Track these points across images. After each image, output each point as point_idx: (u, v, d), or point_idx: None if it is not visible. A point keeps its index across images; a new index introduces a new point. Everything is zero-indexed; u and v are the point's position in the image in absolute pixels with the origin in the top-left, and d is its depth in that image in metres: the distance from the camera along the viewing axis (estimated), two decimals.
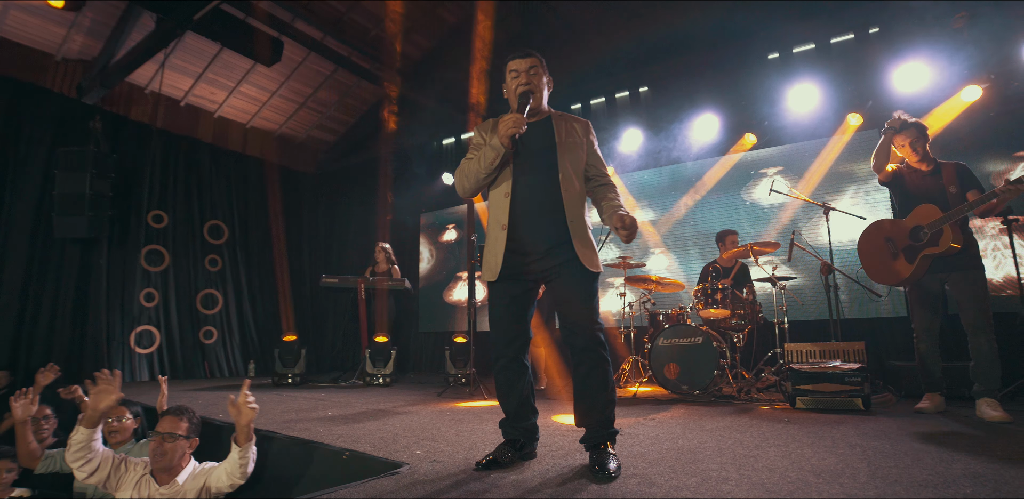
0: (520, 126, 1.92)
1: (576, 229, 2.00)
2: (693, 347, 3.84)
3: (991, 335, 2.83)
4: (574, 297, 2.00)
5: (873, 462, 1.93)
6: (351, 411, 3.44)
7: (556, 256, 2.01)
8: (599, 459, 1.86)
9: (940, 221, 2.90)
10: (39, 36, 6.00)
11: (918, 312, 3.07)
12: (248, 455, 2.18)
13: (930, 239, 2.94)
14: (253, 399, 2.19)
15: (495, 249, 2.03)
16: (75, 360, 5.84)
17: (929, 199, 3.00)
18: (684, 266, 5.88)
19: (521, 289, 2.06)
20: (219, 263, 7.35)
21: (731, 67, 5.59)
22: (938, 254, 2.92)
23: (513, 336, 2.06)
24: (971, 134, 4.54)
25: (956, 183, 2.98)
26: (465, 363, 4.92)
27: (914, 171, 3.16)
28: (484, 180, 2.07)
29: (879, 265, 3.19)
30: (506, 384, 2.09)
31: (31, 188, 5.84)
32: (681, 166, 6.03)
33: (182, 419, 2.31)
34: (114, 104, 6.66)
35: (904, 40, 4.70)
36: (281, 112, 8.04)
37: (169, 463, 2.23)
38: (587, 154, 2.13)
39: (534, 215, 2.02)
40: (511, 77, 2.12)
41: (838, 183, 5.16)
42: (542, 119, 2.16)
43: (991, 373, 2.81)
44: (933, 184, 3.04)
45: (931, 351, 3.05)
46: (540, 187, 2.03)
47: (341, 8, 6.82)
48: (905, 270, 3.04)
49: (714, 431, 2.60)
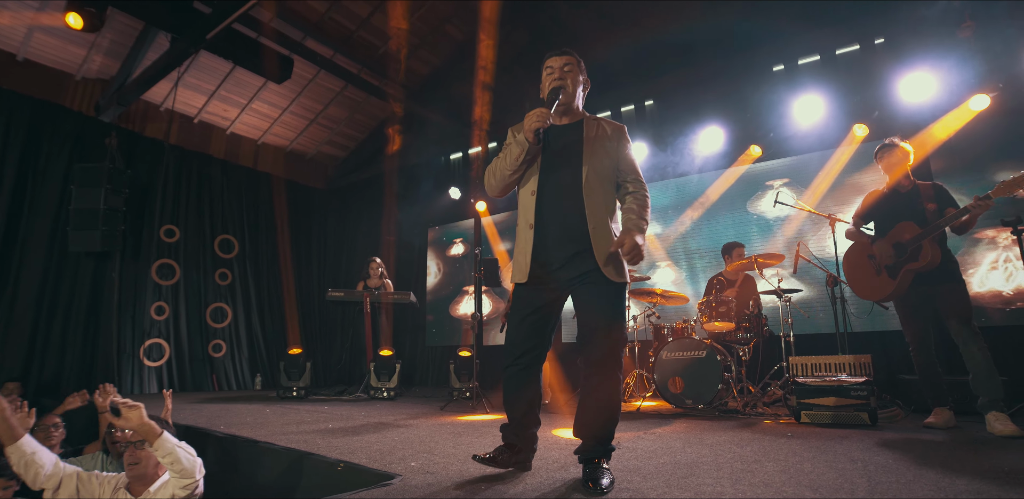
0: (545, 120, 1.89)
1: (598, 237, 1.94)
2: (697, 361, 3.79)
3: (981, 343, 2.81)
4: (595, 309, 1.95)
5: (873, 477, 1.88)
6: (352, 424, 3.44)
7: (579, 265, 1.96)
8: (592, 474, 1.83)
9: (919, 236, 2.97)
10: (60, 57, 6.20)
11: (907, 325, 3.11)
12: (169, 450, 2.05)
13: (910, 254, 3.00)
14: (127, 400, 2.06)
15: (524, 248, 2.01)
16: (86, 372, 5.92)
17: (908, 217, 3.07)
18: (690, 279, 5.83)
19: (546, 299, 2.02)
20: (229, 277, 7.44)
21: (736, 79, 5.60)
22: (919, 269, 2.98)
23: (531, 346, 2.02)
24: (980, 143, 4.49)
25: (934, 201, 3.04)
26: (469, 377, 4.90)
27: (893, 193, 3.24)
28: (510, 177, 2.04)
29: (863, 281, 3.26)
30: (515, 390, 2.05)
31: (49, 203, 5.99)
32: (687, 179, 6.02)
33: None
34: (130, 121, 6.83)
35: (910, 50, 4.69)
36: (292, 128, 8.19)
37: (143, 471, 2.18)
38: (619, 160, 2.06)
39: (559, 218, 1.98)
40: (546, 73, 2.09)
41: (844, 194, 5.11)
42: (575, 121, 2.12)
43: (991, 382, 2.77)
44: (911, 203, 3.12)
45: (929, 363, 3.02)
46: (565, 189, 1.99)
47: (350, 26, 6.97)
48: (888, 286, 3.09)
49: (714, 445, 2.56)
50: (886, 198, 3.25)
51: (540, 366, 2.08)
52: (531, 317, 2.02)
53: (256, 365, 7.40)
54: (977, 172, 4.53)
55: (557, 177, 2.01)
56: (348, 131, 8.61)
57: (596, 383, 1.94)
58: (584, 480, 1.83)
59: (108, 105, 6.34)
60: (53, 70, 6.26)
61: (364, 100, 8.02)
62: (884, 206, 3.24)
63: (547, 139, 2.02)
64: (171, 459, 2.05)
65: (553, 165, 2.03)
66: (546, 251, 1.99)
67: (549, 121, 1.92)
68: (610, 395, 1.94)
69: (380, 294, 5.55)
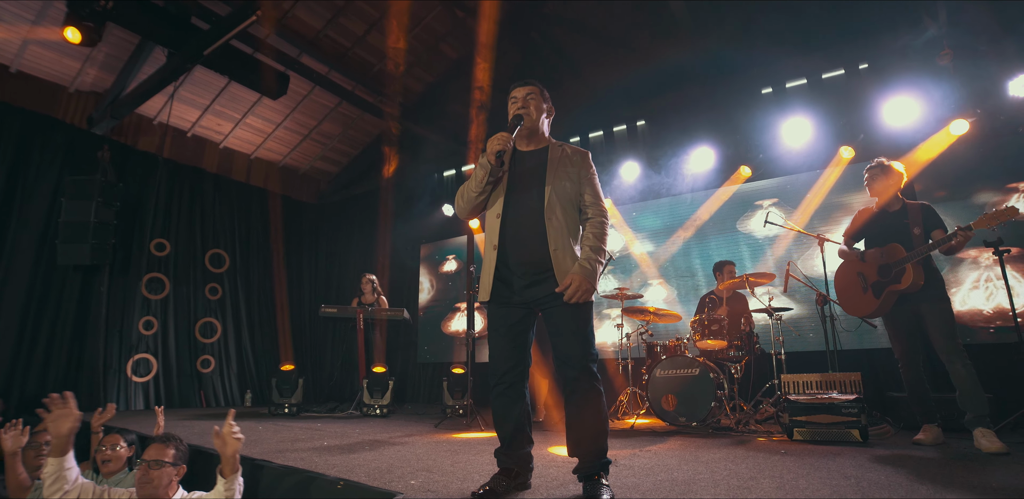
0: (506, 143, 1.98)
1: (559, 259, 2.00)
2: (691, 378, 3.83)
3: (966, 360, 2.88)
4: (563, 329, 2.01)
5: (867, 493, 1.92)
6: (347, 441, 3.41)
7: (542, 286, 2.03)
8: (592, 491, 1.86)
9: (903, 260, 3.05)
10: (54, 69, 6.20)
11: (896, 343, 3.19)
12: (234, 486, 2.14)
13: (894, 277, 3.09)
14: (238, 429, 2.17)
15: (488, 269, 2.09)
16: (71, 388, 5.77)
17: (896, 239, 3.15)
18: (682, 297, 5.90)
19: (517, 316, 2.08)
20: (219, 292, 7.37)
21: (726, 101, 5.74)
22: (901, 291, 3.07)
23: (512, 364, 2.07)
24: (961, 166, 4.64)
25: (920, 224, 3.13)
26: (463, 394, 4.88)
27: (882, 213, 3.32)
28: (476, 198, 2.11)
29: (851, 298, 3.35)
30: (502, 410, 2.08)
31: (37, 215, 5.93)
32: (678, 198, 6.12)
33: (169, 446, 2.29)
34: (122, 134, 6.82)
35: (893, 76, 4.85)
36: (285, 143, 8.22)
37: (154, 491, 2.19)
38: (581, 183, 2.13)
39: (522, 240, 2.05)
40: (510, 103, 2.19)
41: (832, 214, 5.23)
42: (539, 147, 2.21)
43: (977, 399, 2.83)
44: (899, 224, 3.19)
45: (917, 380, 3.09)
46: (528, 213, 2.07)
47: (346, 43, 7.06)
48: (872, 304, 3.19)
49: (710, 462, 2.58)
50: (876, 218, 3.33)
51: (524, 383, 2.11)
52: (507, 335, 2.08)
53: (245, 381, 7.31)
54: (958, 194, 4.68)
55: (521, 199, 2.09)
56: (341, 147, 8.66)
57: (578, 400, 2.00)
58: (585, 496, 1.87)
59: (101, 118, 6.34)
60: (46, 82, 6.26)
61: (358, 116, 8.08)
62: (874, 226, 3.32)
63: (513, 163, 2.12)
64: (231, 493, 2.13)
65: (517, 188, 2.11)
66: (509, 271, 2.06)
67: (511, 144, 2.01)
68: (595, 411, 2.00)
69: (374, 311, 5.54)
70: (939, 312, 3.00)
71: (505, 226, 2.08)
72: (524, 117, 2.11)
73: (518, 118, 2.09)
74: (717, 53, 5.83)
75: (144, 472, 2.19)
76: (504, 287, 2.07)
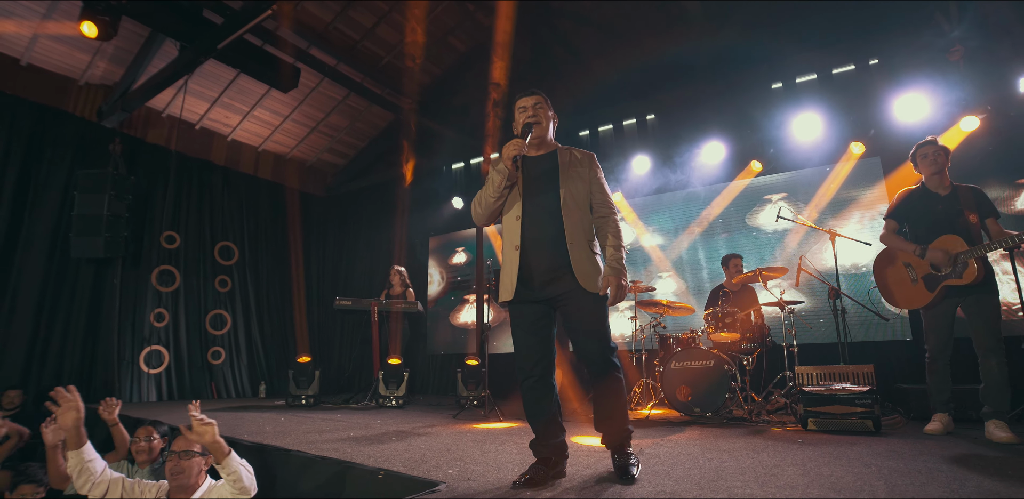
0: (521, 149, 2.11)
1: (576, 253, 2.13)
2: (705, 370, 3.91)
3: (1002, 358, 2.88)
4: (582, 325, 2.15)
5: (890, 480, 2.00)
6: (372, 432, 3.49)
7: (561, 283, 2.14)
8: (622, 463, 2.12)
9: (967, 254, 2.91)
10: (64, 62, 6.19)
11: (933, 335, 3.10)
12: (234, 469, 2.16)
13: (954, 271, 2.96)
14: (203, 416, 2.18)
15: (510, 270, 2.18)
16: (85, 379, 5.87)
17: (950, 228, 3.00)
18: (693, 289, 5.98)
19: (539, 313, 2.19)
20: (229, 284, 7.42)
21: (736, 96, 5.77)
22: (961, 286, 2.96)
23: (538, 357, 2.17)
24: (971, 162, 4.68)
25: (975, 210, 2.98)
26: (477, 385, 4.96)
27: (930, 195, 3.16)
28: (495, 203, 2.23)
29: (897, 290, 3.23)
30: (534, 403, 2.18)
31: (50, 209, 5.96)
32: (689, 192, 6.18)
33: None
34: (132, 127, 6.83)
35: (903, 72, 4.89)
36: (293, 136, 8.23)
37: (186, 481, 2.24)
38: (591, 183, 2.26)
39: (540, 239, 2.16)
40: (519, 112, 2.32)
41: (843, 209, 5.30)
42: (548, 152, 2.34)
43: (1001, 395, 2.88)
44: (952, 211, 3.03)
45: (944, 372, 3.10)
46: (546, 214, 2.18)
47: (355, 36, 7.06)
48: (925, 298, 3.08)
49: (732, 451, 2.67)
50: (923, 202, 3.14)
51: (552, 375, 2.23)
52: (530, 330, 2.19)
53: (255, 372, 7.38)
54: None
55: (537, 201, 2.21)
56: (348, 139, 8.67)
57: (602, 384, 2.20)
58: (617, 470, 2.12)
59: (111, 111, 6.34)
60: (56, 75, 6.25)
61: (365, 109, 8.09)
62: (922, 210, 3.13)
63: (526, 168, 2.25)
64: (235, 477, 2.15)
65: (533, 191, 2.23)
66: (530, 270, 2.16)
67: (524, 149, 2.13)
68: (617, 391, 2.20)
69: (388, 303, 5.60)
70: (989, 305, 2.93)
71: (525, 227, 2.19)
72: (535, 125, 2.23)
73: (528, 126, 2.21)
74: (727, 48, 5.86)
75: (175, 463, 2.24)
76: (524, 286, 2.16)
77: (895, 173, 4.98)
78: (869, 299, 4.49)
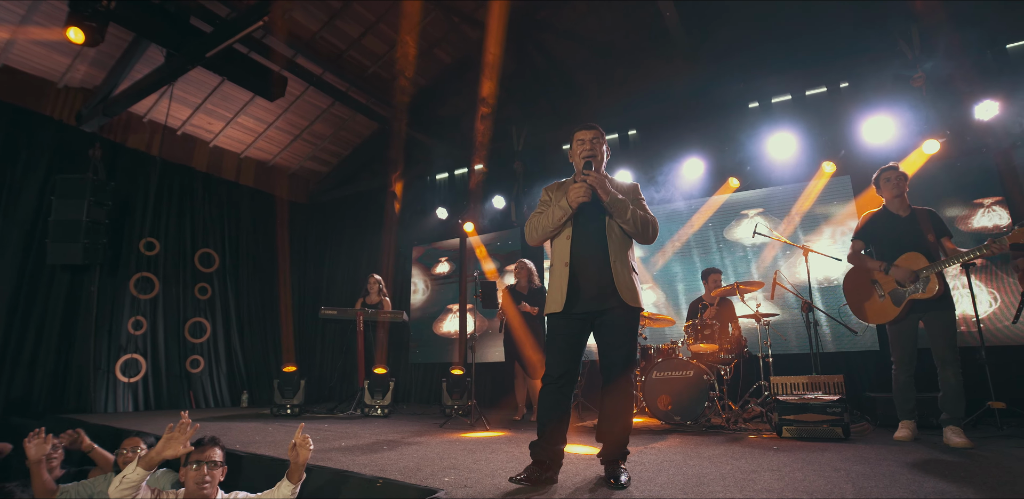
0: (589, 196, 2.35)
1: (619, 270, 2.35)
2: (684, 380, 4.05)
3: (958, 369, 3.11)
4: (616, 336, 2.37)
5: (857, 483, 2.16)
6: (363, 442, 3.53)
7: (604, 299, 2.33)
8: (613, 472, 2.26)
9: (929, 269, 3.15)
10: (43, 65, 6.11)
11: (897, 347, 3.32)
12: (290, 494, 2.33)
13: (917, 286, 3.20)
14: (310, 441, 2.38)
15: (560, 284, 2.38)
16: (59, 389, 5.75)
17: (913, 247, 3.24)
18: (673, 301, 6.15)
19: (578, 327, 2.39)
20: (209, 291, 7.35)
21: (714, 114, 5.98)
22: (924, 299, 3.18)
23: (566, 368, 2.35)
24: (933, 183, 4.98)
25: (932, 231, 3.25)
26: (462, 395, 5.03)
27: (892, 217, 3.39)
28: (551, 233, 2.49)
29: (866, 305, 3.45)
30: (551, 406, 2.34)
31: (25, 213, 5.84)
32: (670, 206, 6.36)
33: (217, 446, 2.41)
34: (112, 132, 6.74)
35: (871, 95, 5.15)
36: (276, 143, 8.21)
37: (211, 490, 2.31)
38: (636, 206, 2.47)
39: (587, 258, 2.39)
40: (578, 144, 2.52)
41: (816, 224, 5.54)
42: None
43: (957, 403, 3.10)
44: (912, 231, 3.27)
45: (908, 382, 3.32)
46: (593, 236, 2.42)
47: (342, 45, 7.12)
48: (892, 312, 3.30)
49: (712, 458, 2.80)
50: (886, 223, 3.38)
51: (573, 387, 2.41)
52: (565, 342, 2.37)
53: (235, 381, 7.30)
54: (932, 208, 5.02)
55: (587, 225, 2.44)
56: (332, 147, 8.69)
57: (615, 398, 2.38)
58: (607, 477, 2.25)
59: (91, 115, 6.26)
60: (34, 77, 6.15)
61: (350, 117, 8.13)
62: (885, 231, 3.37)
63: None
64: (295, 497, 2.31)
65: (582, 215, 2.44)
66: (578, 285, 2.37)
67: (589, 196, 2.34)
68: (626, 409, 2.40)
69: (374, 313, 5.63)
70: (946, 320, 3.15)
71: (574, 247, 2.41)
72: (593, 161, 2.46)
73: (589, 165, 2.43)
74: (707, 67, 6.10)
75: (202, 472, 2.29)
76: (572, 299, 2.36)
77: (864, 192, 5.23)
78: (839, 313, 4.71)
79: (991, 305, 4.69)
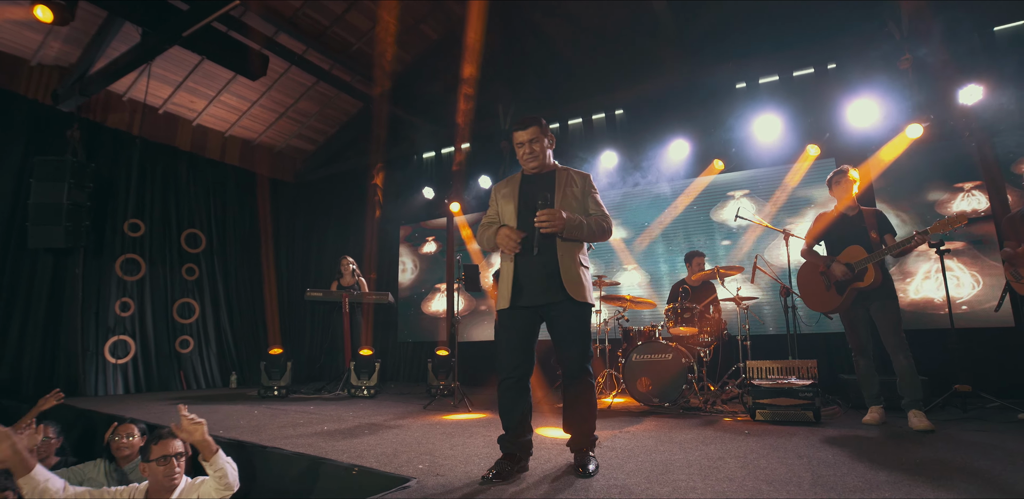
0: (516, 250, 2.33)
1: (566, 264, 2.32)
2: (663, 363, 4.13)
3: (908, 353, 3.27)
4: (568, 333, 2.34)
5: (816, 471, 2.24)
6: (345, 425, 3.61)
7: (551, 292, 2.32)
8: (581, 461, 2.30)
9: (865, 260, 3.37)
10: (13, 41, 5.93)
11: (851, 335, 3.52)
12: (221, 466, 2.26)
13: (857, 275, 3.41)
14: (193, 415, 2.27)
15: (506, 279, 2.39)
16: (47, 372, 5.79)
17: (856, 241, 3.47)
18: (655, 282, 6.21)
19: (528, 320, 2.38)
20: (196, 272, 7.35)
21: (701, 94, 5.91)
22: (863, 288, 3.39)
23: (519, 362, 2.35)
24: (915, 167, 4.99)
25: (876, 228, 3.46)
26: (447, 375, 5.11)
27: (841, 216, 3.61)
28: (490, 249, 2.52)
29: (814, 295, 3.65)
30: (510, 402, 2.35)
31: (2, 196, 5.77)
32: (655, 187, 6.36)
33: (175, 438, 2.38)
34: (90, 111, 6.61)
35: (858, 77, 5.11)
36: (260, 121, 8.09)
37: (174, 482, 2.33)
38: (585, 201, 2.46)
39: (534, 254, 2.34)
40: (517, 147, 2.46)
41: (799, 208, 5.57)
42: (547, 172, 2.51)
43: (913, 387, 3.24)
44: (858, 228, 3.51)
45: (867, 368, 3.47)
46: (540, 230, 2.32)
47: (325, 22, 6.94)
48: (835, 301, 3.51)
49: (683, 443, 2.88)
50: (836, 222, 3.62)
51: (529, 379, 2.40)
52: (517, 336, 2.37)
53: (225, 361, 7.38)
54: (913, 192, 5.06)
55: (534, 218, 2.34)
56: (318, 125, 8.57)
57: (576, 390, 2.38)
58: (575, 466, 2.30)
59: (68, 94, 6.12)
60: (5, 55, 5.98)
61: (335, 95, 8.00)
62: (834, 229, 3.62)
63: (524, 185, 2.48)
64: (221, 474, 2.25)
65: (531, 207, 2.38)
66: (524, 279, 2.36)
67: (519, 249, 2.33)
68: (589, 398, 2.39)
69: (360, 295, 5.67)
70: (889, 309, 3.35)
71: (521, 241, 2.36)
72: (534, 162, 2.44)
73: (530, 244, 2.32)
74: (694, 46, 6.00)
75: (170, 466, 2.31)
76: (518, 294, 2.35)
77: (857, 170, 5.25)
78: None
79: (973, 288, 4.77)
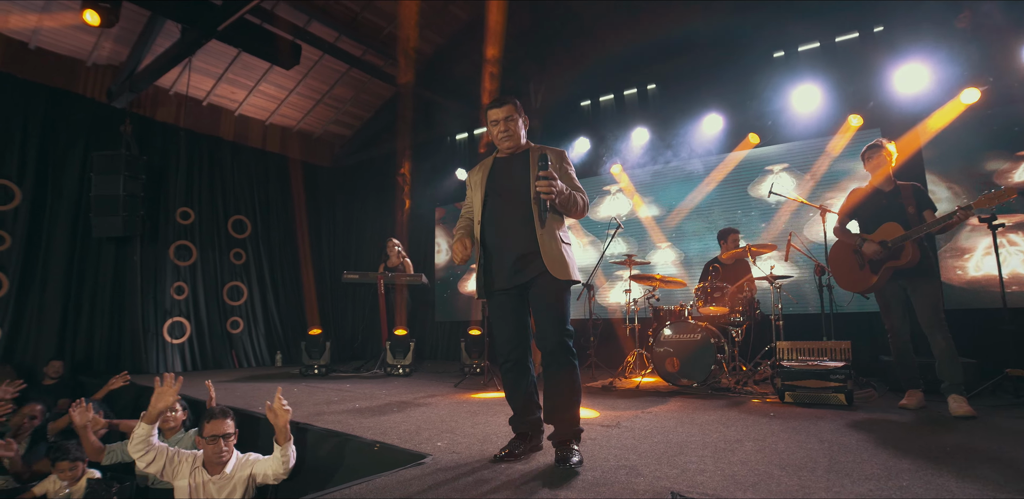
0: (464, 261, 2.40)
1: (545, 241, 2.26)
2: (692, 343, 4.09)
3: (946, 333, 3.09)
4: (544, 307, 2.27)
5: (834, 457, 2.18)
6: (376, 403, 3.77)
7: (530, 269, 2.27)
8: (563, 455, 2.13)
9: (902, 238, 3.18)
10: (70, 44, 6.29)
11: (886, 315, 3.38)
12: (288, 453, 2.49)
13: (892, 253, 3.24)
14: (286, 402, 2.51)
15: (486, 263, 2.38)
16: (115, 351, 6.29)
17: (892, 217, 3.29)
18: (688, 260, 6.09)
19: (514, 301, 2.35)
20: (243, 256, 7.72)
21: (737, 65, 5.66)
22: (900, 266, 3.22)
23: (515, 343, 2.35)
24: (970, 136, 4.64)
25: (914, 204, 3.26)
26: (480, 354, 5.23)
27: (876, 191, 3.44)
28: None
29: (847, 274, 3.51)
30: (512, 384, 2.38)
31: (70, 190, 6.21)
32: (688, 163, 6.18)
33: (228, 418, 2.62)
34: (141, 106, 6.96)
35: (907, 40, 4.76)
36: (298, 109, 8.30)
37: (228, 457, 2.57)
38: (560, 177, 2.33)
39: (513, 230, 2.31)
40: (491, 125, 2.41)
41: (839, 181, 5.29)
42: (521, 152, 2.46)
43: (953, 369, 3.05)
44: (894, 204, 3.33)
45: (904, 349, 3.32)
46: (515, 210, 2.33)
47: (355, 8, 7.00)
48: (870, 279, 3.35)
49: (704, 425, 2.87)
50: (870, 198, 3.45)
51: (528, 358, 2.40)
52: (507, 318, 2.36)
53: (273, 341, 7.77)
54: (967, 161, 4.69)
55: (510, 197, 2.35)
56: (354, 110, 8.72)
57: (554, 372, 2.26)
58: (556, 461, 2.13)
59: (120, 91, 6.47)
60: (64, 57, 6.36)
61: (369, 80, 8.10)
62: (868, 205, 3.45)
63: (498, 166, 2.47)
64: (286, 459, 2.47)
65: (506, 187, 2.38)
66: (503, 260, 2.32)
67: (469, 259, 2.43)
68: (569, 382, 2.25)
69: (394, 276, 5.83)
70: (928, 287, 3.18)
71: (496, 228, 2.35)
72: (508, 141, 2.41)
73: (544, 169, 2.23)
74: (731, 14, 5.72)
75: (218, 445, 2.52)
76: (498, 277, 2.33)
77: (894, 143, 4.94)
78: None
79: None
